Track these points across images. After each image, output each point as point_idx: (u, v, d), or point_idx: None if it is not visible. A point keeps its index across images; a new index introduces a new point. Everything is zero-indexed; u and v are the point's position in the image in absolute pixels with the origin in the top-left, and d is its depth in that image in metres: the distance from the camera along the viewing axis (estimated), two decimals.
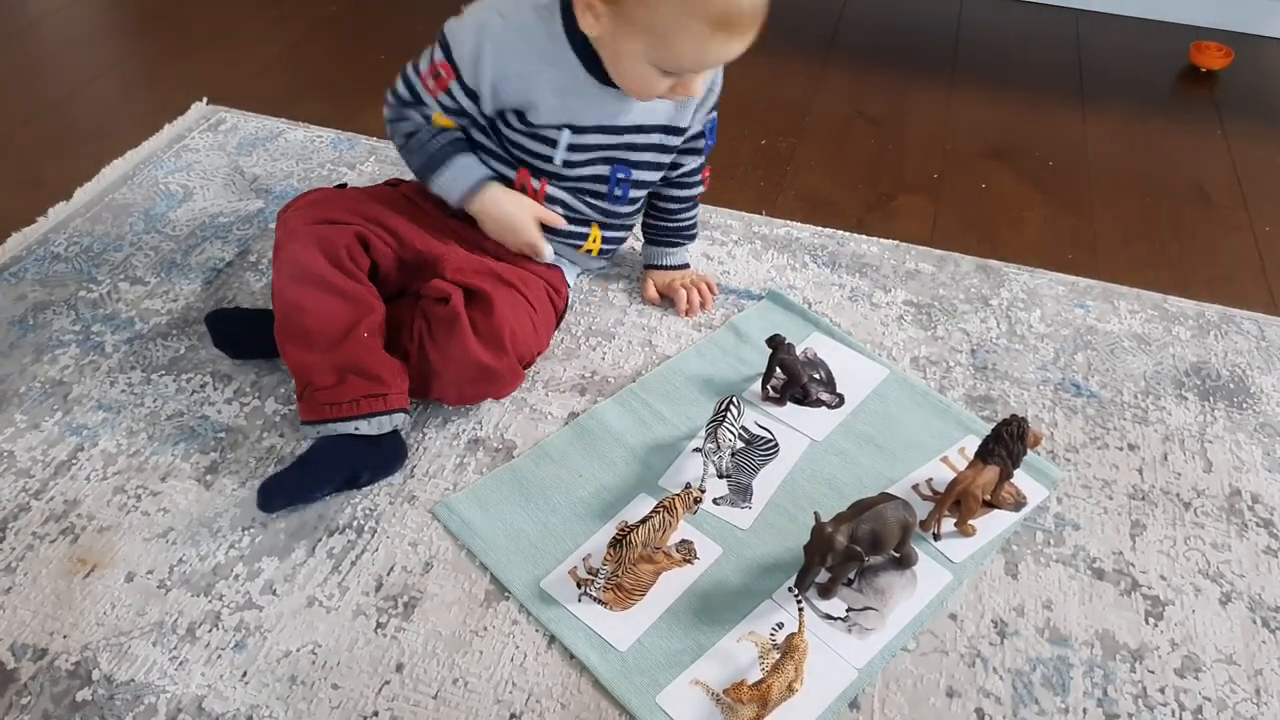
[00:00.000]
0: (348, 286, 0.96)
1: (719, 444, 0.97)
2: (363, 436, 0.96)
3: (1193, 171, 1.56)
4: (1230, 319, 1.25)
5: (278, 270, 0.98)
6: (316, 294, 0.95)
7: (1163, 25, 1.96)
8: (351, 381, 0.95)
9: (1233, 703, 0.85)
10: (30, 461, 0.99)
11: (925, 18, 1.96)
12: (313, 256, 0.96)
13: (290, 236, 0.98)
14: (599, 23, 0.91)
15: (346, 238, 0.97)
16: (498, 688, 0.83)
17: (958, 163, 1.55)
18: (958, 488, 0.94)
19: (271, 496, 0.94)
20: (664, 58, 0.91)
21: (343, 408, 0.95)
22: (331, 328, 0.95)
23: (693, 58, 0.91)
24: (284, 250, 0.98)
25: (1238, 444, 1.08)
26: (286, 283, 0.96)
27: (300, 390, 0.96)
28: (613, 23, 0.90)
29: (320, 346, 0.95)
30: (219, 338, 1.09)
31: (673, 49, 0.90)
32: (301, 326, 0.95)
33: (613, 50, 0.93)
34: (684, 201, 1.19)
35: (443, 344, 0.98)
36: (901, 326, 1.21)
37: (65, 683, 0.82)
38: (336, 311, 0.95)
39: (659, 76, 0.93)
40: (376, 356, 0.97)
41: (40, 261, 1.24)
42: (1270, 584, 0.94)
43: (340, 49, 1.76)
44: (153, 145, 1.44)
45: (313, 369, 0.95)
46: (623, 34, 0.90)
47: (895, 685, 0.85)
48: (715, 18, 0.87)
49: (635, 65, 0.92)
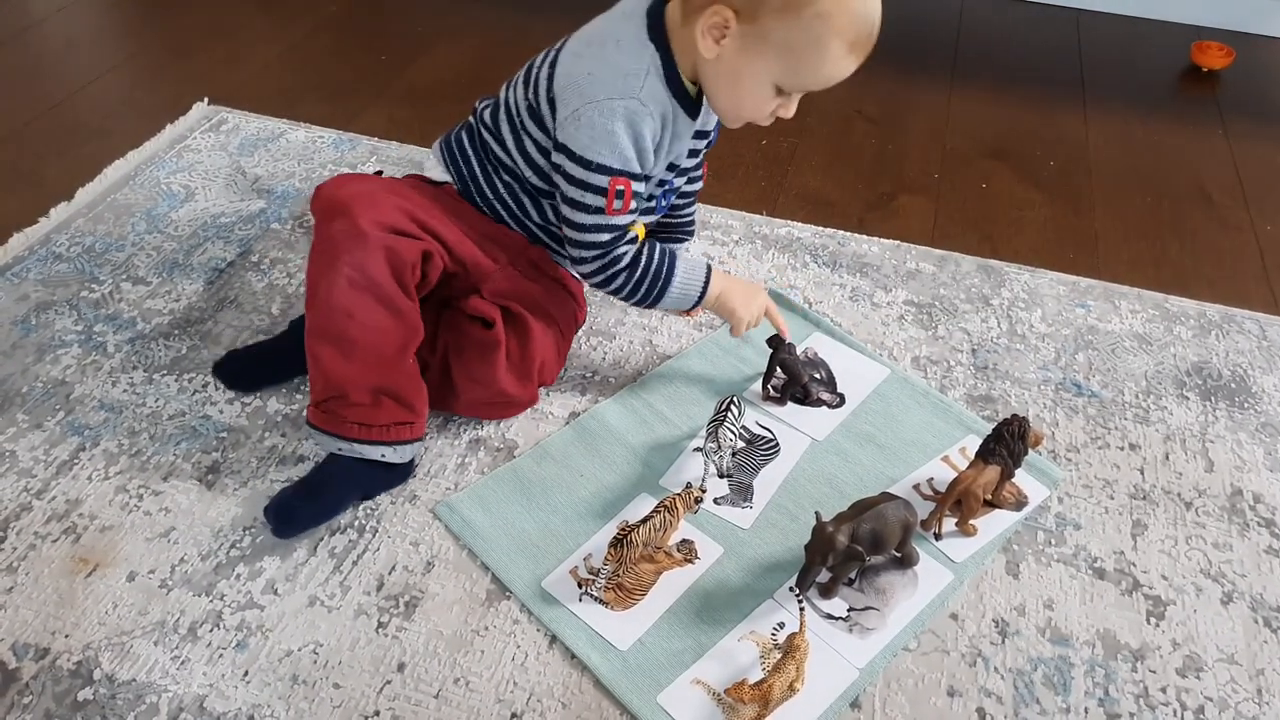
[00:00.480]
0: (405, 306, 0.91)
1: (720, 443, 0.97)
2: (383, 464, 0.95)
3: (1194, 171, 1.56)
4: (1231, 318, 1.25)
5: (334, 268, 0.89)
6: (371, 305, 0.90)
7: (1164, 25, 1.96)
8: (386, 405, 0.93)
9: (1234, 702, 0.85)
10: (32, 461, 1.00)
11: (926, 17, 1.96)
12: (380, 269, 0.89)
13: (358, 240, 0.88)
14: (720, 45, 0.88)
15: (414, 254, 0.91)
16: (499, 687, 0.83)
17: (958, 162, 1.55)
18: (959, 487, 0.94)
19: (287, 523, 0.92)
20: (792, 78, 0.89)
21: (373, 431, 0.92)
22: (379, 344, 0.91)
23: (821, 77, 0.89)
24: (349, 252, 0.89)
25: (1239, 444, 1.08)
26: (343, 285, 0.89)
27: (325, 396, 0.92)
28: (742, 42, 0.88)
29: (362, 359, 0.91)
30: (231, 380, 1.07)
31: (806, 68, 0.88)
32: (346, 333, 0.90)
33: (731, 72, 0.90)
34: (685, 197, 1.18)
35: (470, 367, 0.98)
36: (902, 326, 1.21)
37: (67, 682, 0.82)
38: (387, 329, 0.91)
39: (774, 99, 0.92)
40: (414, 383, 0.95)
41: (42, 261, 1.24)
42: (1272, 584, 0.94)
43: (342, 49, 1.76)
44: (154, 145, 1.45)
45: (348, 381, 0.91)
46: (753, 54, 0.88)
47: (896, 685, 0.85)
48: (853, 38, 0.87)
49: (757, 86, 0.90)
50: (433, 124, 1.50)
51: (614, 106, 0.89)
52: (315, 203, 0.94)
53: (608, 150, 0.91)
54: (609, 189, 0.92)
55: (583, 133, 0.90)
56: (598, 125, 0.90)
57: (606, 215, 0.94)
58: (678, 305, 1.04)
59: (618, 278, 0.99)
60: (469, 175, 1.02)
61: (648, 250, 1.00)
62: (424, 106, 1.60)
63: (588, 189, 0.93)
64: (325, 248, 0.90)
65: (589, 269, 0.99)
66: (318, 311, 0.91)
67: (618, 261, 0.98)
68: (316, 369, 0.93)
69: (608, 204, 0.93)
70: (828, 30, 0.85)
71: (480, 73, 1.71)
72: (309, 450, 1.01)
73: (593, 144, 0.91)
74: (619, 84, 0.90)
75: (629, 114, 0.90)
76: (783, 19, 0.85)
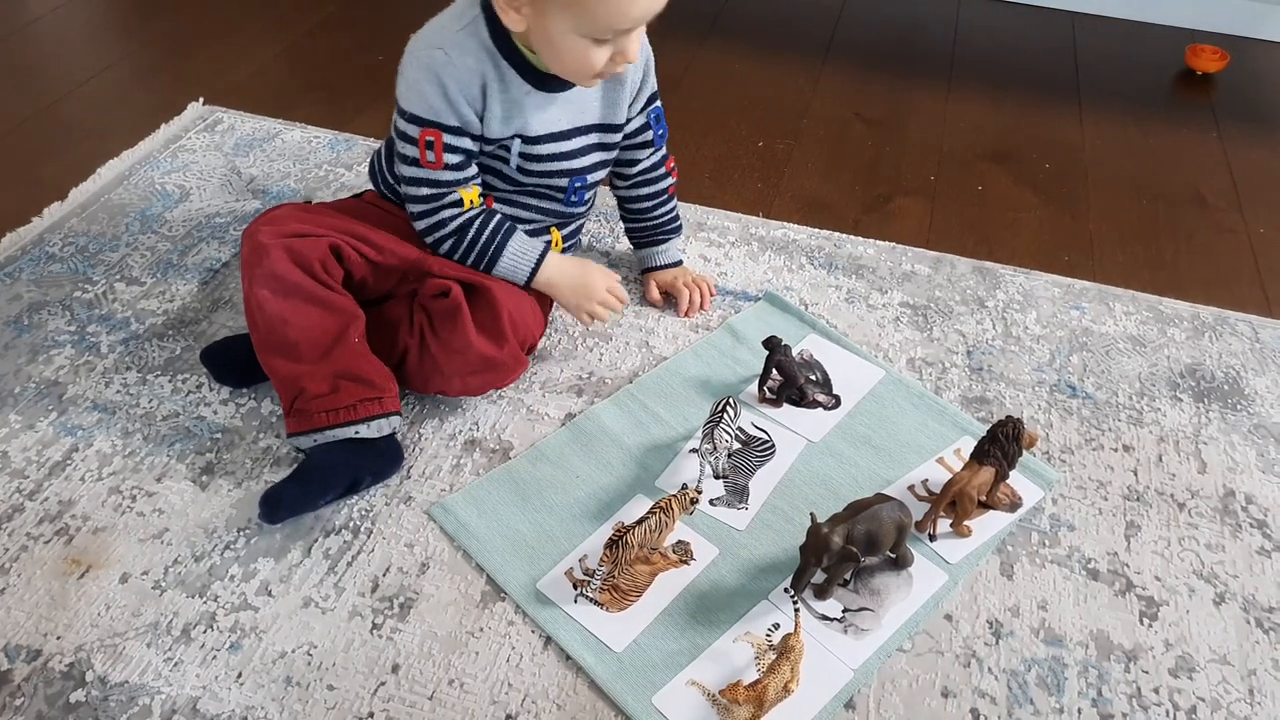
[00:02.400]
0: (328, 296, 0.96)
1: (715, 445, 0.97)
2: (361, 441, 0.95)
3: (1188, 174, 1.56)
4: (1225, 321, 1.25)
5: (253, 286, 0.95)
6: (299, 305, 0.95)
7: (1158, 28, 1.97)
8: (345, 387, 0.95)
9: (1226, 703, 0.85)
10: (25, 462, 0.99)
11: (922, 20, 1.96)
12: (288, 269, 0.94)
13: (261, 253, 0.95)
14: (521, 14, 0.92)
15: (319, 250, 0.96)
16: (494, 689, 0.83)
17: (954, 165, 1.55)
18: (953, 488, 0.94)
19: (274, 508, 0.92)
20: (591, 24, 0.91)
21: (340, 413, 0.94)
22: (318, 337, 0.95)
23: (616, 14, 0.91)
24: (258, 266, 0.95)
25: (1232, 445, 1.09)
26: (267, 297, 0.95)
27: (290, 402, 0.95)
28: (534, 7, 0.91)
29: (309, 357, 0.95)
30: (219, 372, 1.07)
31: (595, 10, 0.90)
32: (286, 339, 0.95)
33: (543, 36, 0.93)
34: (656, 197, 1.19)
35: (445, 337, 0.99)
36: (898, 328, 1.21)
37: (59, 684, 0.82)
38: (321, 321, 0.95)
39: (594, 48, 0.93)
40: (368, 361, 0.97)
41: (35, 261, 1.23)
42: (1264, 585, 0.95)
43: (338, 50, 1.76)
44: (149, 145, 1.44)
45: (303, 378, 0.94)
46: (549, 15, 0.91)
47: (891, 686, 0.85)
48: None
49: (567, 42, 0.92)
50: None
51: (421, 56, 0.96)
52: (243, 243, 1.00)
53: (415, 99, 0.97)
54: (419, 139, 0.98)
55: (400, 83, 0.98)
56: (408, 75, 0.97)
57: (423, 168, 0.99)
58: (508, 278, 1.05)
59: (444, 242, 1.04)
60: (377, 169, 1.11)
61: (480, 221, 1.03)
62: None
63: (405, 140, 0.99)
64: (243, 274, 0.97)
65: (419, 226, 1.04)
66: (258, 329, 0.97)
67: (443, 226, 1.02)
68: (276, 381, 0.97)
69: (420, 155, 0.98)
70: None
71: None
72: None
73: (406, 93, 0.98)
74: (432, 36, 0.97)
75: (432, 62, 0.96)
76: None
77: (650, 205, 1.19)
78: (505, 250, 1.04)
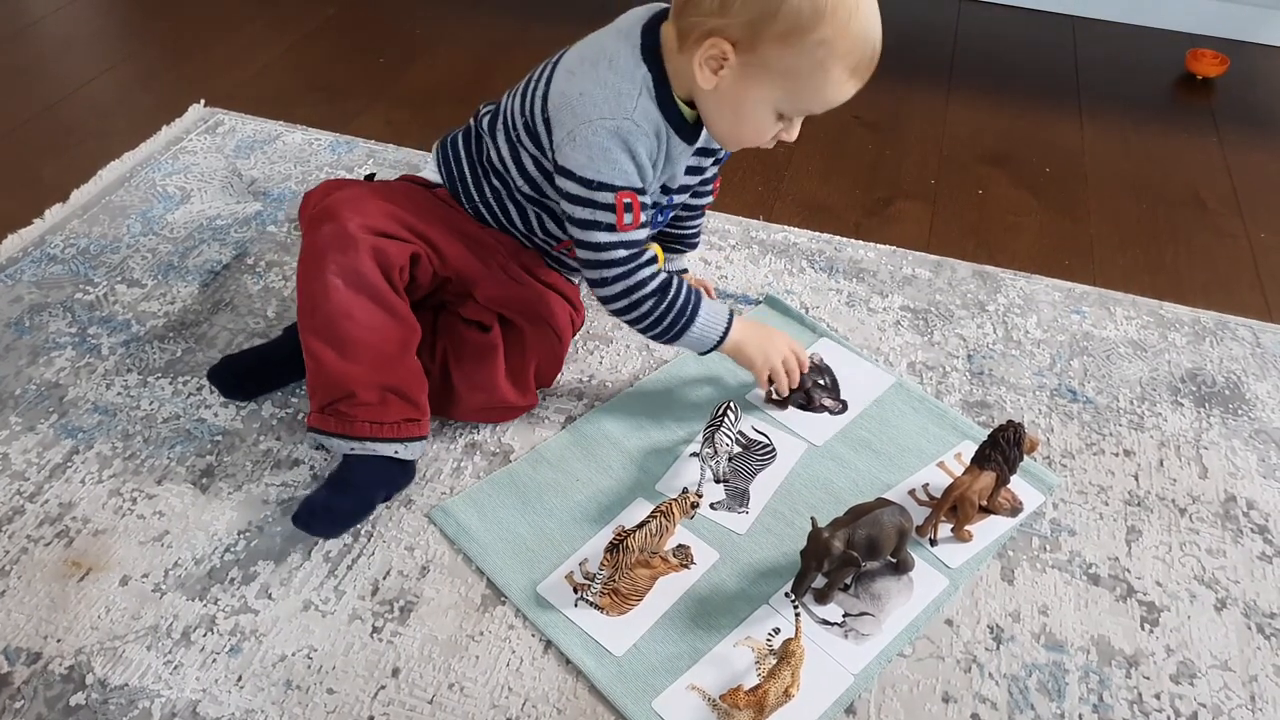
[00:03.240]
0: (398, 305, 0.93)
1: (716, 449, 0.97)
2: (397, 460, 0.95)
3: (1188, 178, 1.56)
4: (1225, 325, 1.25)
5: (325, 270, 0.90)
6: (367, 305, 0.91)
7: (1159, 32, 1.97)
8: (393, 403, 0.93)
9: (1228, 709, 0.85)
10: (25, 464, 0.99)
11: (923, 24, 1.96)
12: (371, 269, 0.91)
13: (347, 243, 0.90)
14: (718, 75, 0.88)
15: (403, 257, 0.93)
16: (494, 692, 0.83)
17: (955, 169, 1.56)
18: (954, 493, 0.94)
19: (330, 524, 0.92)
20: (794, 103, 0.89)
21: (385, 428, 0.93)
22: (378, 343, 0.92)
23: (823, 101, 0.89)
24: (340, 254, 0.90)
25: (1233, 450, 1.09)
26: (339, 285, 0.90)
27: (331, 399, 0.92)
28: (741, 72, 0.87)
29: (366, 359, 0.92)
30: (228, 390, 1.06)
31: (808, 93, 0.88)
32: (346, 334, 0.91)
33: (732, 101, 0.90)
34: (696, 210, 1.18)
35: (470, 373, 0.99)
36: (898, 332, 1.21)
37: (59, 687, 0.81)
38: (387, 328, 0.92)
39: (775, 124, 0.92)
40: (419, 382, 0.96)
41: (37, 263, 1.23)
42: (1265, 590, 0.94)
43: (339, 52, 1.76)
44: (150, 147, 1.44)
45: (355, 381, 0.91)
46: (753, 82, 0.88)
47: (891, 691, 0.85)
48: (855, 62, 0.86)
49: (758, 112, 0.90)
50: (430, 127, 1.50)
51: (607, 126, 0.89)
52: (303, 209, 0.95)
53: (607, 167, 0.90)
54: (616, 204, 0.91)
55: (580, 153, 0.90)
56: (594, 145, 0.90)
57: (619, 231, 0.93)
58: (694, 346, 1.02)
59: (644, 303, 0.96)
60: (458, 176, 1.03)
61: (677, 282, 0.98)
62: (422, 110, 1.60)
63: (596, 207, 0.92)
64: (315, 253, 0.91)
65: (613, 291, 0.96)
66: (314, 316, 0.92)
67: (644, 285, 0.95)
68: (318, 373, 0.93)
69: (618, 219, 0.92)
70: (830, 55, 0.85)
71: (478, 76, 1.71)
72: (304, 454, 1.01)
73: (590, 163, 0.90)
74: (612, 104, 0.90)
75: (622, 133, 0.90)
76: (784, 47, 0.85)
77: (687, 216, 1.18)
78: (700, 312, 0.98)
